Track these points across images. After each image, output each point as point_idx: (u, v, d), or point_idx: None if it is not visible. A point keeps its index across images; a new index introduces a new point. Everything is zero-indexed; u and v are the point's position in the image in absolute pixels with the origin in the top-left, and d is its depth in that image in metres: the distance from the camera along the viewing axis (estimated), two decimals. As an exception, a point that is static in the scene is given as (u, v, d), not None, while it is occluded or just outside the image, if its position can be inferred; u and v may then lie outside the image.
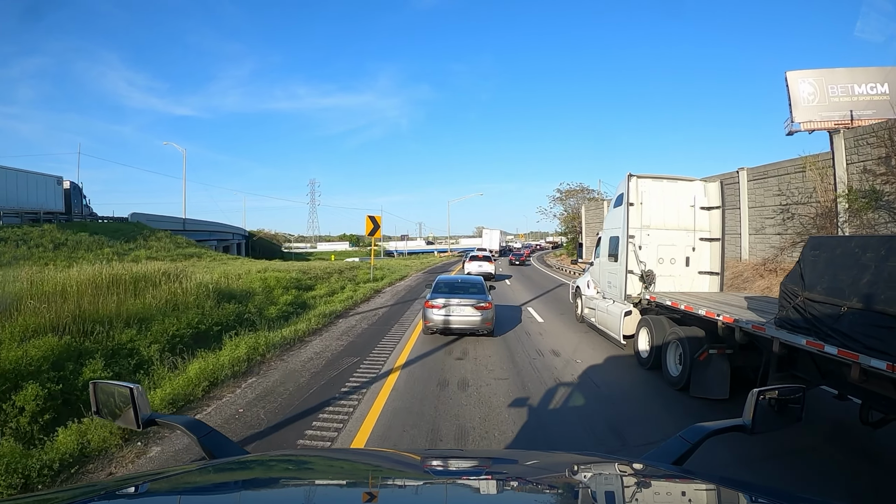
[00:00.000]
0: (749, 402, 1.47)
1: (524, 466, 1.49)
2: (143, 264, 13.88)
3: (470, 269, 23.02)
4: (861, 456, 4.37)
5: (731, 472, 3.11)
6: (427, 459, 1.53)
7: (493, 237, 58.07)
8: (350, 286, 17.19)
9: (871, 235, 9.03)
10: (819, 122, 28.90)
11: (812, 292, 4.38)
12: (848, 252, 4.19)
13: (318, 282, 17.16)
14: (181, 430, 1.50)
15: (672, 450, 1.43)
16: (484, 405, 5.52)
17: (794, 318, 4.55)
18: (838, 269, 4.19)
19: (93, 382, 1.56)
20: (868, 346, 3.70)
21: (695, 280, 8.51)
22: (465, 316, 8.75)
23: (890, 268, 3.69)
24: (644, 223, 8.39)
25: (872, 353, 3.65)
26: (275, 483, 1.24)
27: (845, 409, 5.01)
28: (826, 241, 4.76)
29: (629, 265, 8.21)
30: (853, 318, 3.88)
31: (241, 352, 7.25)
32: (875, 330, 3.67)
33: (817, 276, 4.40)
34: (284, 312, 11.09)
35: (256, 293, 12.11)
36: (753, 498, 1.14)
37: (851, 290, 3.94)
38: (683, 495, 1.19)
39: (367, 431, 4.72)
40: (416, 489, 1.19)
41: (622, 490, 1.22)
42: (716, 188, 8.58)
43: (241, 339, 7.95)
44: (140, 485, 1.17)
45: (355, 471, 1.38)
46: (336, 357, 7.76)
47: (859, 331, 3.81)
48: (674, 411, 5.55)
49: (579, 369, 7.13)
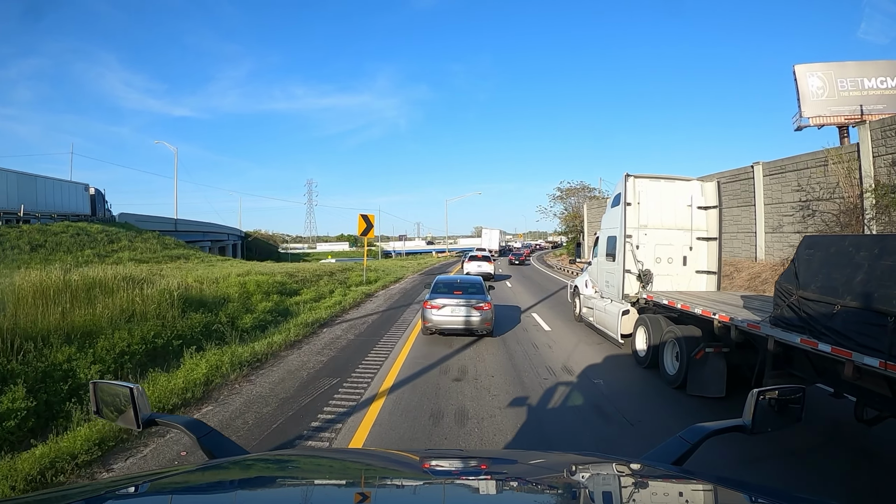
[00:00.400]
0: (749, 402, 1.45)
1: (523, 466, 1.49)
2: (121, 267, 12.81)
3: (469, 270, 22.79)
4: (860, 456, 4.34)
5: (731, 472, 2.96)
6: (426, 459, 1.51)
7: (492, 237, 57.03)
8: (340, 290, 16.06)
9: (864, 234, 8.93)
10: (829, 117, 28.00)
11: (806, 291, 4.44)
12: (842, 251, 4.25)
13: (304, 285, 16.01)
14: (181, 431, 1.51)
15: (672, 450, 1.42)
16: (488, 446, 4.43)
17: (788, 316, 4.62)
18: (832, 267, 4.26)
19: (93, 383, 1.59)
20: (861, 343, 3.76)
21: (692, 279, 8.47)
22: (464, 316, 8.62)
23: (883, 266, 3.74)
24: (641, 223, 8.37)
25: (865, 350, 3.70)
26: (275, 483, 1.25)
27: (844, 409, 4.86)
28: (821, 241, 4.88)
29: (627, 265, 8.19)
30: (847, 316, 3.94)
31: (199, 373, 6.15)
32: (868, 328, 3.72)
33: (811, 275, 4.46)
34: (261, 322, 9.96)
35: (232, 300, 10.98)
36: (753, 498, 1.14)
37: (845, 289, 4.01)
38: (683, 495, 1.19)
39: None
40: (415, 489, 1.18)
41: (622, 490, 1.21)
42: (713, 188, 8.50)
43: (204, 356, 6.86)
44: (140, 485, 1.18)
45: (355, 471, 1.38)
46: (313, 377, 6.66)
47: (853, 329, 3.87)
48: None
49: (600, 392, 6.06)
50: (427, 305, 8.88)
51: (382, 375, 6.69)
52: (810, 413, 1.70)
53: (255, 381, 6.51)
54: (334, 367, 7.14)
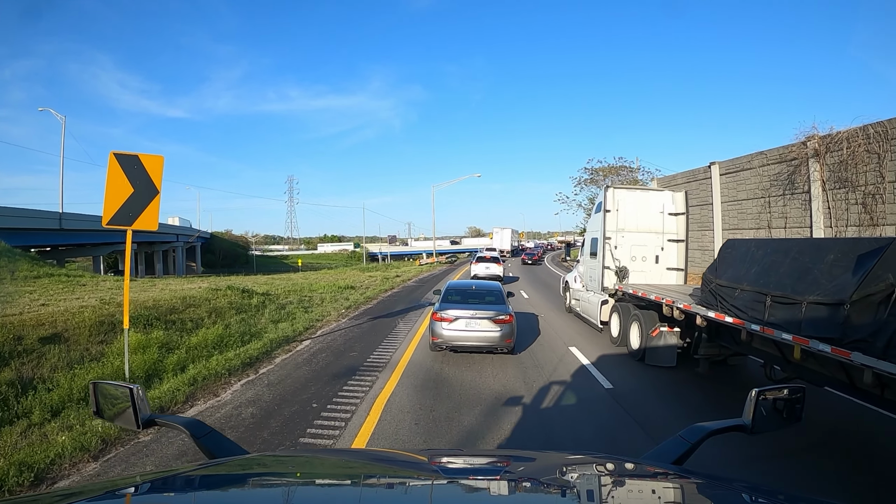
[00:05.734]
0: (749, 402, 1.46)
1: (522, 465, 1.51)
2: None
3: (476, 272, 22.02)
4: (860, 456, 4.43)
5: (731, 472, 3.10)
6: (428, 459, 1.52)
7: (504, 237, 53.56)
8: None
9: (763, 238, 10.21)
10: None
11: (721, 279, 5.93)
12: (747, 250, 5.78)
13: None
14: (181, 431, 1.52)
15: (671, 449, 1.44)
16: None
17: (709, 298, 6.12)
18: (739, 262, 5.76)
19: (93, 383, 1.58)
20: (750, 316, 5.15)
21: (663, 275, 9.77)
22: (480, 331, 7.53)
23: (767, 261, 5.21)
24: (619, 227, 9.72)
25: (753, 320, 5.09)
26: (275, 483, 1.23)
27: (844, 410, 5.21)
28: (735, 242, 6.53)
29: (606, 262, 9.59)
30: (744, 296, 5.37)
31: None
32: (755, 304, 5.14)
33: (725, 268, 6.00)
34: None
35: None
36: (753, 498, 1.14)
37: (744, 278, 5.47)
38: (683, 495, 1.19)
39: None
40: (416, 489, 1.19)
41: (622, 490, 1.22)
42: (681, 197, 9.92)
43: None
44: (140, 485, 1.16)
45: (354, 470, 1.39)
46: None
47: (747, 305, 5.27)
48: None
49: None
50: (437, 317, 7.67)
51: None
52: (810, 413, 1.66)
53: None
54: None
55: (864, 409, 4.90)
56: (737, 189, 13.61)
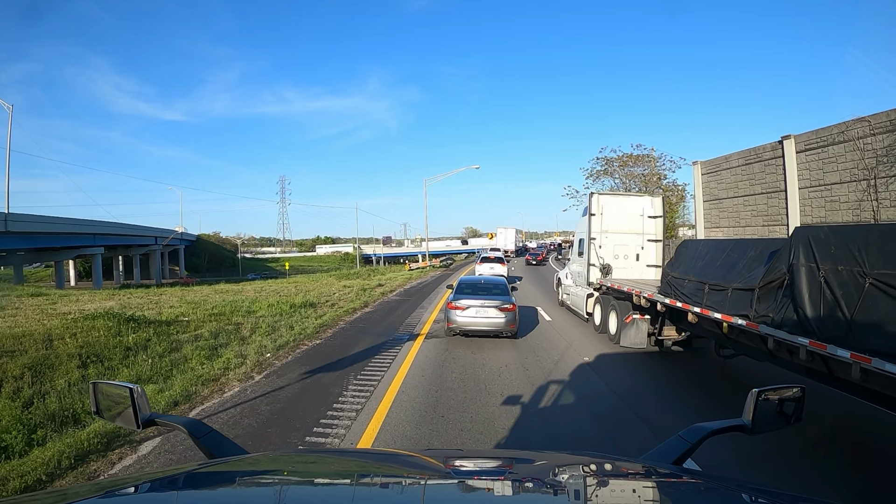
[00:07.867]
0: (749, 402, 1.46)
1: (521, 466, 1.51)
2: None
3: (481, 272, 22.67)
4: (860, 456, 4.48)
5: (731, 472, 3.15)
6: (428, 459, 1.52)
7: (507, 237, 52.35)
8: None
9: (710, 239, 11.58)
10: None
11: (675, 272, 7.25)
12: (697, 249, 7.18)
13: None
14: (181, 430, 1.52)
15: (671, 449, 1.44)
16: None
17: (666, 288, 7.38)
18: (690, 258, 7.11)
19: (93, 383, 1.58)
20: (694, 301, 6.40)
21: (643, 271, 10.93)
22: (488, 318, 9.02)
23: (708, 257, 6.56)
24: (604, 228, 10.94)
25: (695, 304, 6.31)
26: (275, 483, 1.24)
27: (844, 410, 5.34)
28: (689, 242, 8.01)
29: (591, 260, 10.87)
30: (690, 285, 6.66)
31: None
32: (697, 292, 6.42)
33: (678, 263, 7.37)
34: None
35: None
36: (753, 498, 1.14)
37: (691, 270, 6.79)
38: (682, 495, 1.19)
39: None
40: (414, 489, 1.18)
41: (621, 490, 1.23)
42: (659, 202, 11.26)
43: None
44: (140, 485, 1.17)
45: (353, 470, 1.39)
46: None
47: (692, 293, 6.53)
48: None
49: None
50: (451, 306, 9.21)
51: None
52: (810, 413, 1.72)
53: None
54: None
55: (864, 409, 4.76)
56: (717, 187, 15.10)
